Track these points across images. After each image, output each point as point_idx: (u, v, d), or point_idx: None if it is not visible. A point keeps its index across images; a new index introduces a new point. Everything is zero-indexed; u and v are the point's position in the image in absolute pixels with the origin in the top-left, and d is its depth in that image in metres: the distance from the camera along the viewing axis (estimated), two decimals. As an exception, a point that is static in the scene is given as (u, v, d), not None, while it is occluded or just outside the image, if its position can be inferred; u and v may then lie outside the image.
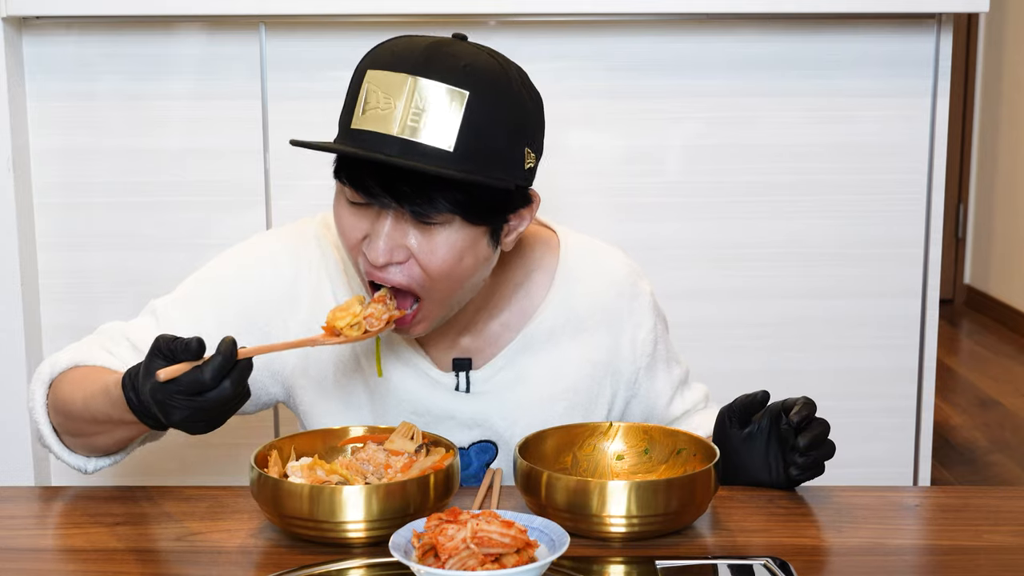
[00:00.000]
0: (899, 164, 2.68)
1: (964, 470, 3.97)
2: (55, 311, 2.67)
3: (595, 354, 1.80)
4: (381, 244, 1.56)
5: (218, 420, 1.49)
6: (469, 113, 1.50)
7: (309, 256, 1.79)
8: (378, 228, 1.56)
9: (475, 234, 1.58)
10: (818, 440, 1.62)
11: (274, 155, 2.63)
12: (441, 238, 1.56)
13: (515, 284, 1.78)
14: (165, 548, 1.51)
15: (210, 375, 1.42)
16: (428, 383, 1.76)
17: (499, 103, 1.53)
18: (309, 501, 1.45)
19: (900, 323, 2.74)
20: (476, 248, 1.59)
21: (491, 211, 1.58)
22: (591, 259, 1.82)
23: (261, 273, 1.79)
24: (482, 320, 1.76)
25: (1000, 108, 5.98)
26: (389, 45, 1.57)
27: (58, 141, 2.63)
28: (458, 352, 1.77)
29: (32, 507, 1.68)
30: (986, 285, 6.16)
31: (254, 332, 1.76)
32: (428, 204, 1.52)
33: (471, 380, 1.76)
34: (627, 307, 1.82)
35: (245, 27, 2.59)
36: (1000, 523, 1.58)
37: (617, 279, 1.82)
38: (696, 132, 2.66)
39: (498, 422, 1.77)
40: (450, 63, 1.51)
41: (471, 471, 1.79)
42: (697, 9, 2.55)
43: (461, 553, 1.30)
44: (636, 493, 1.46)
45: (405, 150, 1.49)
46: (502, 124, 1.53)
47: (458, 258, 1.57)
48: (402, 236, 1.56)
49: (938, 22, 2.63)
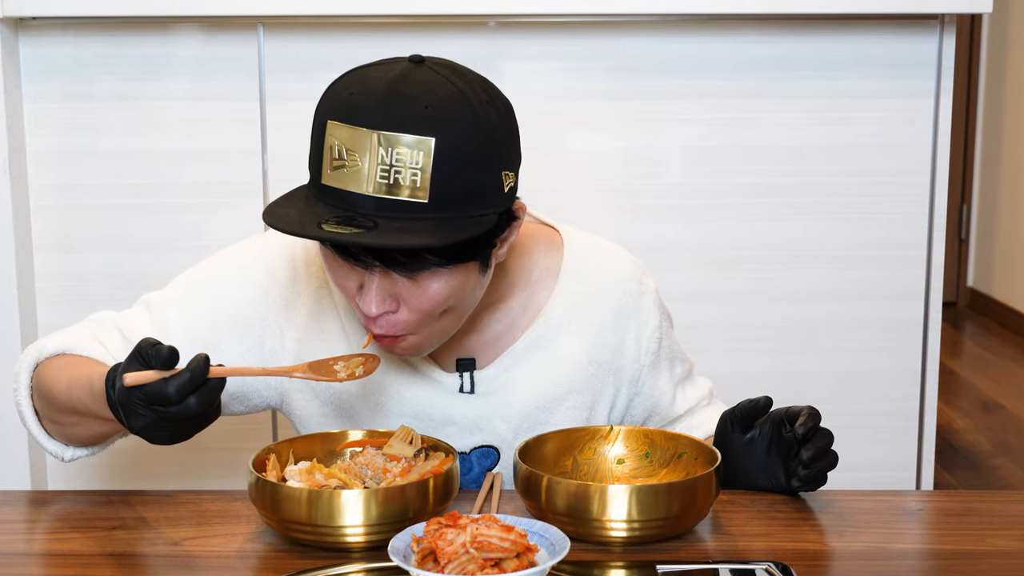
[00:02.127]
0: (902, 165, 2.68)
1: (967, 474, 3.96)
2: (52, 313, 2.67)
3: (600, 353, 1.78)
4: (373, 297, 1.54)
5: (183, 433, 1.49)
6: (438, 160, 1.45)
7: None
8: (369, 283, 1.55)
9: (464, 270, 1.56)
10: (821, 452, 1.61)
11: (272, 156, 2.62)
12: (430, 284, 1.54)
13: (518, 285, 1.76)
14: (161, 553, 1.50)
15: (174, 390, 1.41)
16: (430, 385, 1.74)
17: (467, 140, 1.47)
18: (307, 505, 1.44)
19: (903, 326, 2.73)
20: (467, 281, 1.57)
21: (478, 248, 1.56)
22: (595, 258, 1.80)
23: (255, 275, 1.77)
24: (484, 321, 1.74)
25: (1003, 109, 5.98)
26: (344, 86, 1.52)
27: (55, 142, 2.62)
28: (462, 352, 1.75)
29: (26, 511, 1.67)
30: (989, 287, 6.15)
31: (248, 337, 1.75)
32: (415, 262, 1.51)
33: (475, 380, 1.74)
34: (632, 305, 1.80)
35: (243, 28, 2.58)
36: (1003, 527, 1.57)
37: (622, 277, 1.80)
38: (697, 133, 2.66)
39: (500, 425, 1.75)
40: (410, 108, 1.46)
41: (472, 476, 1.77)
42: (698, 10, 2.55)
43: (460, 558, 1.29)
44: (637, 497, 1.45)
45: (380, 207, 1.46)
46: (474, 160, 1.48)
47: (449, 296, 1.56)
48: (391, 286, 1.54)
49: (941, 22, 2.62)
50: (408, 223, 1.46)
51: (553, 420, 1.75)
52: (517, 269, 1.76)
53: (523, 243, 1.76)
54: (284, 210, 1.52)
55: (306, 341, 1.75)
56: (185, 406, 1.43)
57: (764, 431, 1.65)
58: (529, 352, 1.75)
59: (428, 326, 1.59)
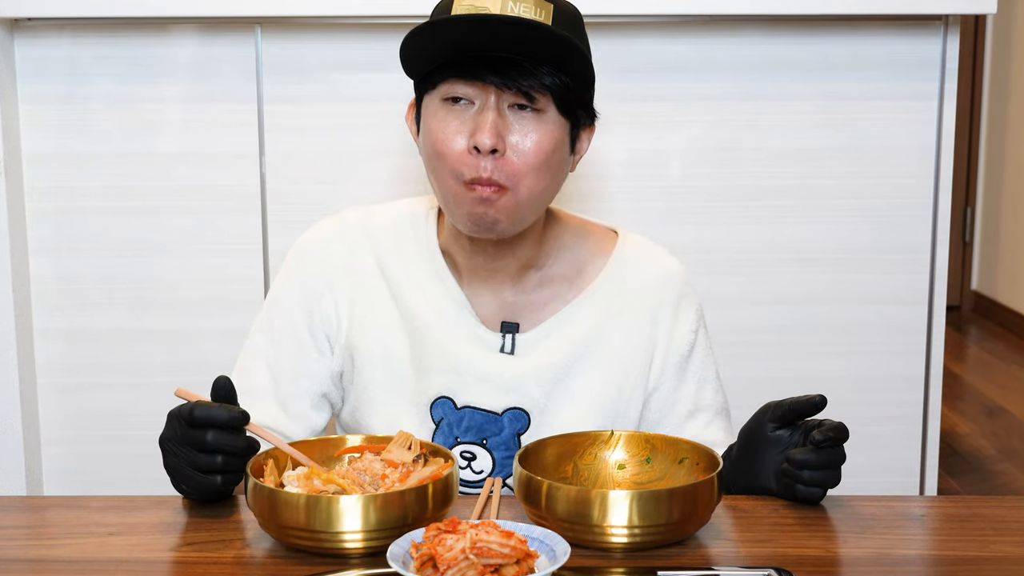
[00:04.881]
0: (905, 168, 2.67)
1: (971, 479, 3.95)
2: (47, 317, 2.66)
3: (636, 337, 1.85)
4: (488, 128, 1.66)
5: (194, 479, 1.59)
6: (557, 12, 1.67)
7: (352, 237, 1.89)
8: (482, 119, 1.67)
9: (563, 128, 1.71)
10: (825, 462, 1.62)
11: (270, 159, 2.61)
12: (539, 125, 1.68)
13: (568, 259, 1.87)
14: (159, 559, 1.49)
15: (198, 411, 1.55)
16: (474, 342, 1.82)
17: (573, 14, 1.72)
18: (305, 511, 1.44)
19: (906, 329, 2.72)
20: (561, 145, 1.72)
21: (578, 102, 1.72)
22: (648, 253, 1.91)
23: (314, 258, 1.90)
24: (533, 283, 1.85)
25: (1008, 111, 5.97)
26: None
27: (50, 145, 2.62)
28: (507, 315, 1.84)
29: (23, 517, 1.67)
30: (994, 291, 6.15)
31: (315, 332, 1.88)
32: (533, 79, 1.66)
33: (516, 342, 1.83)
34: (673, 301, 1.88)
35: (241, 29, 2.57)
36: (1007, 533, 1.56)
37: (670, 273, 1.90)
38: (698, 135, 2.65)
39: (533, 388, 1.82)
40: None
41: (502, 437, 1.83)
42: (699, 11, 2.54)
43: (460, 564, 1.29)
44: (638, 503, 1.45)
45: (516, 22, 1.61)
46: (580, 30, 1.72)
47: (551, 149, 1.69)
48: (504, 125, 1.67)
49: (945, 24, 2.61)
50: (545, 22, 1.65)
51: (581, 392, 1.83)
52: (572, 243, 1.88)
53: (582, 225, 1.91)
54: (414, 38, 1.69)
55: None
56: (196, 457, 1.56)
57: (795, 433, 1.67)
58: (568, 323, 1.84)
59: (523, 185, 1.70)
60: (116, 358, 2.68)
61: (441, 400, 1.82)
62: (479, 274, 1.83)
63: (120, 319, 2.65)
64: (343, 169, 2.62)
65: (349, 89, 2.57)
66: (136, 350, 2.69)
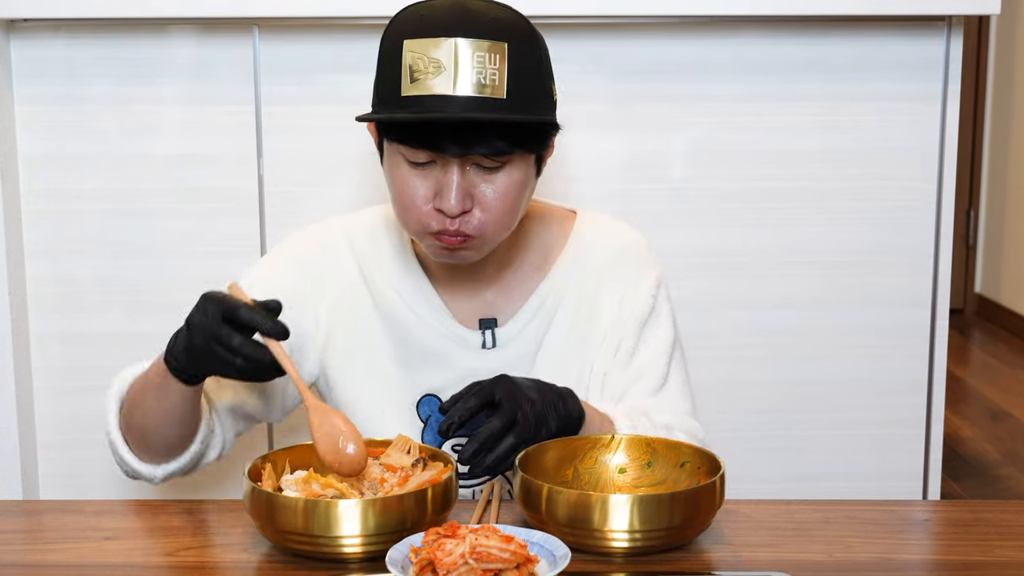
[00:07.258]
0: (908, 170, 2.66)
1: (974, 483, 3.95)
2: (44, 320, 2.65)
3: (594, 309, 1.90)
4: (454, 194, 1.67)
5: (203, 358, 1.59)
6: (511, 63, 1.65)
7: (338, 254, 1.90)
8: (447, 181, 1.67)
9: (528, 164, 1.73)
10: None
11: (268, 161, 2.61)
12: (504, 176, 1.69)
13: (534, 246, 1.91)
14: (156, 564, 1.50)
15: (231, 303, 1.56)
16: (456, 341, 1.86)
17: (531, 48, 1.69)
18: (304, 515, 1.44)
19: (909, 333, 2.71)
20: (528, 180, 1.74)
21: (541, 140, 1.74)
22: (605, 226, 1.96)
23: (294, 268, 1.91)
24: (504, 275, 1.89)
25: (1012, 112, 5.96)
26: (412, 13, 1.69)
27: (47, 146, 2.61)
28: (483, 312, 1.88)
29: (19, 521, 1.67)
30: (997, 294, 6.14)
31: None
32: (495, 146, 1.65)
33: (496, 336, 1.87)
34: (634, 265, 1.92)
35: (238, 30, 2.57)
36: (1011, 538, 1.56)
37: (628, 242, 1.95)
38: (700, 137, 2.64)
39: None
40: (480, 19, 1.65)
41: None
42: (701, 11, 2.53)
43: (460, 568, 1.30)
44: (639, 507, 1.45)
45: (468, 106, 1.62)
46: (537, 66, 1.70)
47: (518, 193, 1.72)
48: (470, 184, 1.68)
49: (948, 24, 2.60)
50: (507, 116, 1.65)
51: (568, 377, 1.84)
52: (538, 231, 1.92)
53: (541, 212, 1.94)
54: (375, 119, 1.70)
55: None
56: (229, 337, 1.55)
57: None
58: (542, 307, 1.88)
59: (491, 231, 1.72)
60: (113, 361, 2.64)
61: (427, 398, 1.86)
62: (457, 276, 1.87)
63: (117, 322, 2.64)
64: (341, 170, 2.61)
65: (347, 90, 2.56)
66: (133, 353, 2.67)
